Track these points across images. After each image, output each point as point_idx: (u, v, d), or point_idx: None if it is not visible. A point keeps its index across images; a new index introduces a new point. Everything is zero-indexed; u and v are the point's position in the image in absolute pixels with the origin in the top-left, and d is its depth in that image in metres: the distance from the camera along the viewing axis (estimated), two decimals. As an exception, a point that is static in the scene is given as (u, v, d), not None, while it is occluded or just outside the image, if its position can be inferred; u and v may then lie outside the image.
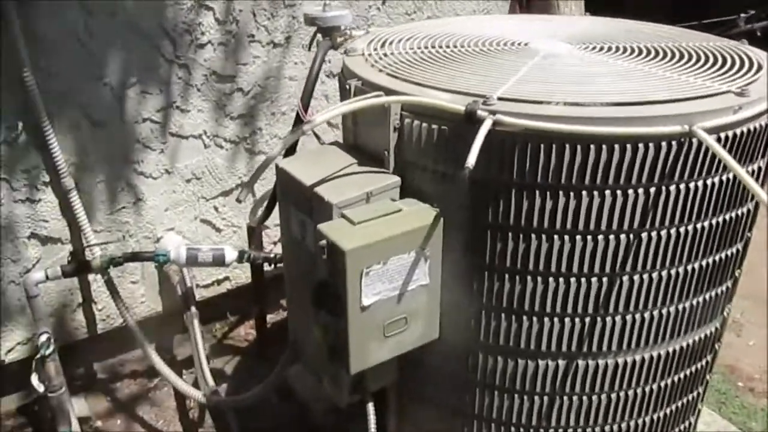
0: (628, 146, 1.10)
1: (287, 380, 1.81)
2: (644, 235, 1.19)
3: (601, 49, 1.46)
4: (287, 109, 2.16)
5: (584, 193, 1.14)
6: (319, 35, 1.49)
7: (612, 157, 1.11)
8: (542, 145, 1.11)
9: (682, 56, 1.40)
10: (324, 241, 1.15)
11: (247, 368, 2.23)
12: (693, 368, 1.41)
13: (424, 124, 1.20)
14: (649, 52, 1.43)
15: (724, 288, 1.35)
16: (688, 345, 1.35)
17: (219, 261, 1.88)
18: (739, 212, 1.26)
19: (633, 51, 1.44)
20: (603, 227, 1.17)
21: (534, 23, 1.73)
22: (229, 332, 2.40)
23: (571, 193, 1.14)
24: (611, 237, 1.18)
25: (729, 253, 1.30)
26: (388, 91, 1.24)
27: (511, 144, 1.12)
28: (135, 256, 1.89)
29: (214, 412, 2.02)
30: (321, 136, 2.25)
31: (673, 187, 1.15)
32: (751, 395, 2.08)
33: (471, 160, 1.05)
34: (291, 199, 1.34)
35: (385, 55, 1.43)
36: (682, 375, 1.39)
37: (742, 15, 2.74)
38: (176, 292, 2.09)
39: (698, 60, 1.37)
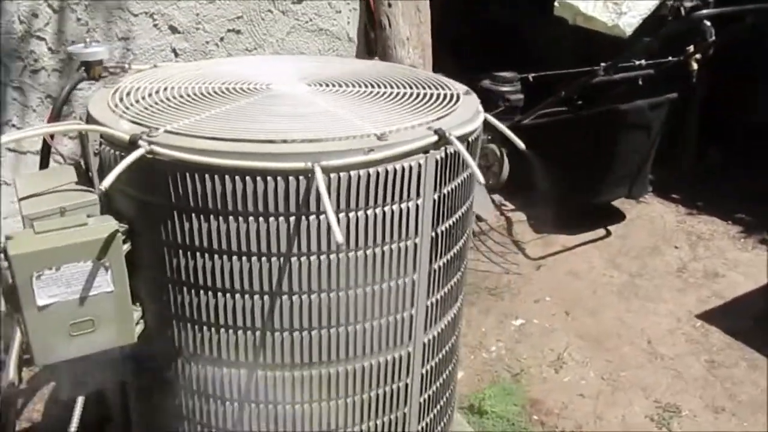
0: (259, 178, 1.25)
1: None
2: (294, 259, 1.33)
3: (335, 90, 1.61)
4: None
5: (231, 218, 1.29)
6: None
7: (246, 187, 1.26)
8: (188, 174, 1.27)
9: (395, 96, 1.55)
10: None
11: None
12: (385, 389, 1.52)
13: (113, 151, 1.36)
14: (372, 92, 1.58)
15: (404, 316, 1.47)
16: (371, 365, 1.47)
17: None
18: (400, 245, 1.39)
19: (358, 91, 1.60)
20: (254, 250, 1.31)
21: (304, 64, 1.88)
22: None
23: (221, 218, 1.29)
24: (263, 259, 1.32)
25: (399, 282, 1.42)
26: (93, 121, 1.41)
27: (164, 171, 1.28)
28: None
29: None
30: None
31: (312, 218, 1.29)
32: (540, 428, 2.17)
33: (106, 183, 1.21)
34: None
35: (138, 93, 1.58)
36: (372, 394, 1.51)
37: (602, 64, 2.88)
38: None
39: (404, 99, 1.53)
